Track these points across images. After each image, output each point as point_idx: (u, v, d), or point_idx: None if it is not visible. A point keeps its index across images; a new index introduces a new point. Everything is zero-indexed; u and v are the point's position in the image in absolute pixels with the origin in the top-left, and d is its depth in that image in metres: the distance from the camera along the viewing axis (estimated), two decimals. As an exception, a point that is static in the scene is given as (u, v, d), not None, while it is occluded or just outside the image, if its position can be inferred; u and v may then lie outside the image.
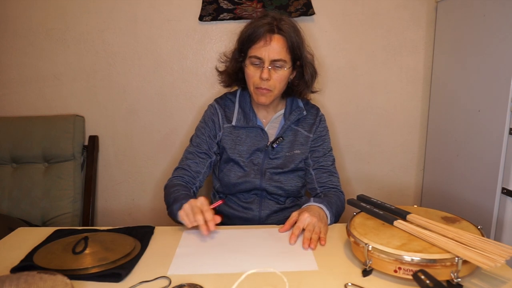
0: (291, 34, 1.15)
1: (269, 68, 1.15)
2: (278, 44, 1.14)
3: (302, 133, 1.28)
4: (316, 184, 1.26)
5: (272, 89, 1.18)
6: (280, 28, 1.14)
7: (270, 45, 1.13)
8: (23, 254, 0.89)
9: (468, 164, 1.47)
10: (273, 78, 1.16)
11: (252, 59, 1.17)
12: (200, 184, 1.26)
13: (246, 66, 1.19)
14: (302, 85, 1.25)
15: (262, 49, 1.14)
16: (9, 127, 1.68)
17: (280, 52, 1.14)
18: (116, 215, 1.86)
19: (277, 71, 1.16)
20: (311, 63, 1.25)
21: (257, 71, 1.17)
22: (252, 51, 1.16)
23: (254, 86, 1.18)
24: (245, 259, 0.90)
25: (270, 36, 1.13)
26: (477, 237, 0.80)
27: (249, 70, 1.18)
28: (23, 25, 1.69)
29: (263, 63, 1.15)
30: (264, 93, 1.18)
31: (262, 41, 1.13)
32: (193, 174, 1.24)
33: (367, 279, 0.81)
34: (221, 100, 1.32)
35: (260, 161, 1.24)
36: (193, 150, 1.27)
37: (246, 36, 1.17)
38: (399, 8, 1.72)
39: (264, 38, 1.13)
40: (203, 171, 1.26)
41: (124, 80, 1.75)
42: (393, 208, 0.96)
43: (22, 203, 1.61)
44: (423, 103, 1.81)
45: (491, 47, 1.33)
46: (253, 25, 1.16)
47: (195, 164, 1.25)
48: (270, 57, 1.14)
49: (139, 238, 0.99)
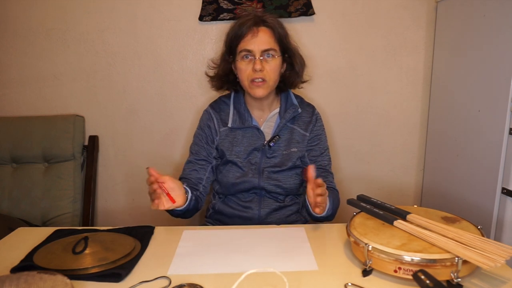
0: (276, 26, 1.19)
1: (260, 59, 1.17)
2: (265, 35, 1.17)
3: (298, 131, 1.28)
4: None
5: (267, 79, 1.19)
6: (265, 21, 1.18)
7: (258, 37, 1.16)
8: (23, 254, 0.89)
9: (468, 164, 1.47)
10: (266, 68, 1.18)
11: (242, 53, 1.18)
12: (204, 189, 1.27)
13: (238, 62, 1.20)
14: (294, 76, 1.28)
15: (251, 42, 1.16)
16: (9, 127, 1.68)
17: (269, 42, 1.18)
18: (116, 215, 1.86)
19: (269, 61, 1.19)
20: (298, 54, 1.28)
21: (249, 65, 1.18)
22: (241, 45, 1.18)
23: (249, 80, 1.19)
24: (245, 259, 0.90)
25: (256, 28, 1.17)
26: (477, 237, 0.80)
27: (241, 65, 1.20)
28: (23, 25, 1.69)
29: (254, 56, 1.17)
30: (260, 85, 1.19)
31: (249, 34, 1.16)
32: (194, 182, 1.25)
33: (367, 279, 0.81)
34: (216, 104, 1.33)
35: (258, 161, 1.25)
36: (191, 159, 1.28)
37: (233, 34, 1.19)
38: (399, 8, 1.72)
39: (251, 31, 1.16)
40: (205, 177, 1.27)
41: (124, 80, 1.75)
42: (393, 208, 0.96)
43: (22, 203, 1.61)
44: (423, 103, 1.81)
45: (491, 47, 1.33)
46: (237, 23, 1.19)
47: (195, 172, 1.26)
48: (260, 48, 1.16)
49: (139, 238, 0.99)
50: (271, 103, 1.30)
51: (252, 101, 1.28)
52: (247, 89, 1.22)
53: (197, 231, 1.07)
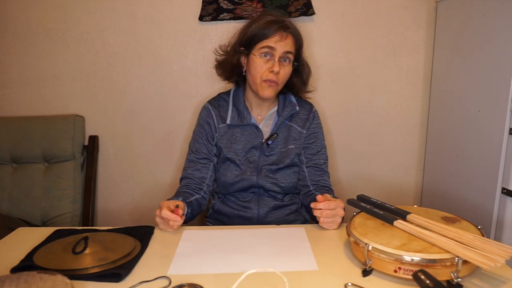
0: (298, 35, 1.22)
1: (279, 62, 1.18)
2: (291, 41, 1.20)
3: (296, 128, 1.29)
4: (308, 182, 1.27)
5: (280, 83, 1.21)
6: (289, 28, 1.20)
7: (285, 41, 1.18)
8: (23, 254, 0.89)
9: (468, 164, 1.47)
10: (280, 72, 1.19)
11: (264, 50, 1.18)
12: (208, 188, 1.27)
13: (254, 57, 1.19)
14: (300, 83, 1.30)
15: (278, 43, 1.17)
16: (9, 127, 1.68)
17: (292, 46, 1.20)
18: (116, 215, 1.86)
19: (285, 65, 1.20)
20: (307, 65, 1.31)
21: (266, 64, 1.19)
22: (265, 42, 1.17)
23: (262, 78, 1.19)
24: (245, 259, 0.90)
25: (285, 33, 1.18)
26: (477, 237, 0.80)
27: (259, 61, 1.19)
28: (23, 25, 1.69)
29: (273, 56, 1.18)
30: (272, 86, 1.20)
31: (277, 35, 1.17)
32: (198, 181, 1.25)
33: (367, 279, 0.81)
34: (215, 101, 1.32)
35: (256, 159, 1.25)
36: (193, 158, 1.28)
37: (258, 31, 1.18)
38: (399, 8, 1.72)
39: (279, 33, 1.17)
40: (208, 176, 1.27)
41: (124, 80, 1.75)
42: (393, 208, 0.96)
43: (22, 203, 1.61)
44: (423, 103, 1.81)
45: (491, 47, 1.33)
46: (264, 22, 1.18)
47: (198, 171, 1.26)
48: (284, 49, 1.18)
49: (139, 238, 0.99)
50: (271, 102, 1.30)
51: (253, 99, 1.28)
52: (257, 87, 1.21)
53: (197, 231, 1.07)
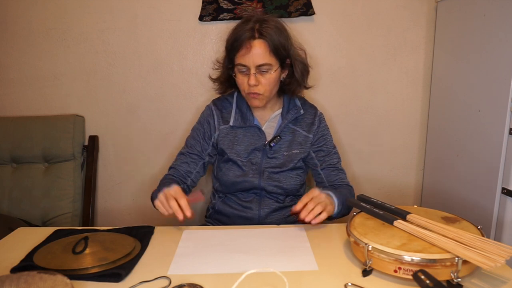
0: (273, 36, 1.14)
1: (255, 74, 1.15)
2: (260, 49, 1.13)
3: (301, 132, 1.28)
4: (326, 183, 1.28)
5: (262, 92, 1.18)
6: (261, 33, 1.13)
7: (251, 52, 1.13)
8: (23, 254, 0.89)
9: (468, 164, 1.47)
10: (261, 82, 1.17)
11: (238, 67, 1.18)
12: (192, 183, 1.28)
13: (235, 74, 1.20)
14: (294, 84, 1.26)
15: (246, 57, 1.14)
16: (9, 127, 1.67)
17: (263, 56, 1.14)
18: (116, 215, 1.86)
19: (264, 75, 1.17)
20: (300, 60, 1.25)
21: (245, 78, 1.18)
22: (237, 59, 1.17)
23: (245, 92, 1.21)
24: (245, 259, 0.90)
25: (250, 42, 1.13)
26: (477, 237, 0.80)
27: (238, 79, 1.20)
28: (23, 25, 1.69)
29: (248, 70, 1.16)
30: (256, 97, 1.20)
31: (243, 48, 1.14)
32: (183, 174, 1.26)
33: (367, 279, 0.81)
34: (218, 101, 1.32)
35: (259, 161, 1.25)
36: (184, 151, 1.30)
37: (230, 44, 1.18)
38: (399, 8, 1.72)
39: (245, 45, 1.13)
40: (195, 171, 1.28)
41: (124, 80, 1.75)
42: (393, 208, 0.96)
43: (22, 203, 1.61)
44: (423, 103, 1.81)
45: (491, 47, 1.33)
46: (235, 32, 1.16)
47: (186, 164, 1.27)
48: (254, 63, 1.14)
49: (139, 238, 0.99)
50: (274, 104, 1.30)
51: None
52: (245, 98, 1.24)
53: (197, 231, 1.07)
